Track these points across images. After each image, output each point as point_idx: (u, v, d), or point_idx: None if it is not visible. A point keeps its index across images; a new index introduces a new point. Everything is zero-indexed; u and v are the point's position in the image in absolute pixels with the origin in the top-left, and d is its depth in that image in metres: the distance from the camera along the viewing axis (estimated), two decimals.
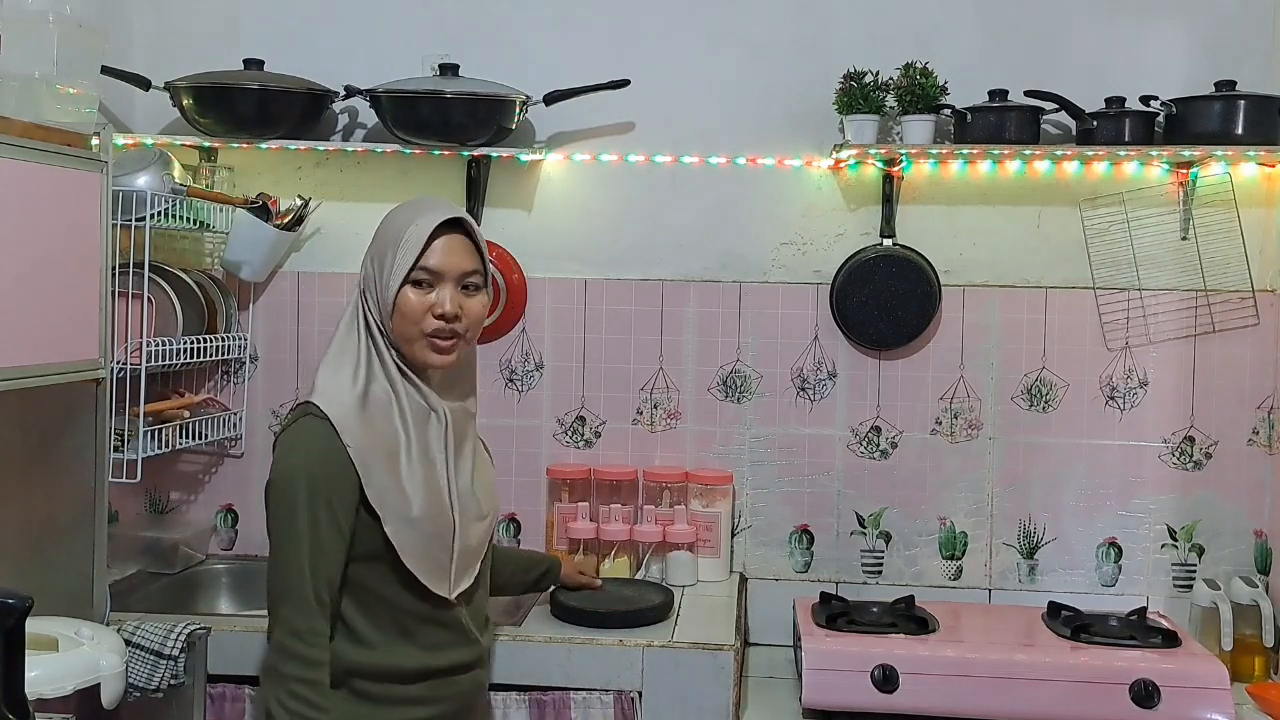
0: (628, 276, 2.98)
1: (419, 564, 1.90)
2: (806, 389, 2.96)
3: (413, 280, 1.90)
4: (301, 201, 2.97)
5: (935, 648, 2.49)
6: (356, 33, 3.00)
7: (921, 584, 2.92)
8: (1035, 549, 2.92)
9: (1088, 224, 2.88)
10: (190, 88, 2.83)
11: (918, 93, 2.76)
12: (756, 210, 2.96)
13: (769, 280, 2.96)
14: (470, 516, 1.98)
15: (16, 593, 1.58)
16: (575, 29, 2.97)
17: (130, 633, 2.16)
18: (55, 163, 2.04)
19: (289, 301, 3.05)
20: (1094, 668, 2.41)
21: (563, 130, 2.98)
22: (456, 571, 1.95)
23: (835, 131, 2.85)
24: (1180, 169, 2.83)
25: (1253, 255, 2.83)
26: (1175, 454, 2.89)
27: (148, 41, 3.02)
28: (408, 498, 1.89)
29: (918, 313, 2.88)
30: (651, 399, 2.98)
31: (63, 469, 2.26)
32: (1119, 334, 2.89)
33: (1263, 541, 2.86)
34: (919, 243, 2.91)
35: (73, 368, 2.12)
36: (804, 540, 2.97)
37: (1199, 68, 2.79)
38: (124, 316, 2.55)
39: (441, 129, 2.81)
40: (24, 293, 1.97)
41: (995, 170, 2.90)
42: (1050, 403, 2.91)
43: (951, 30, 2.89)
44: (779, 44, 2.94)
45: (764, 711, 2.49)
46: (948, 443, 2.94)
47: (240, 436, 3.05)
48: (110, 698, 1.93)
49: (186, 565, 2.95)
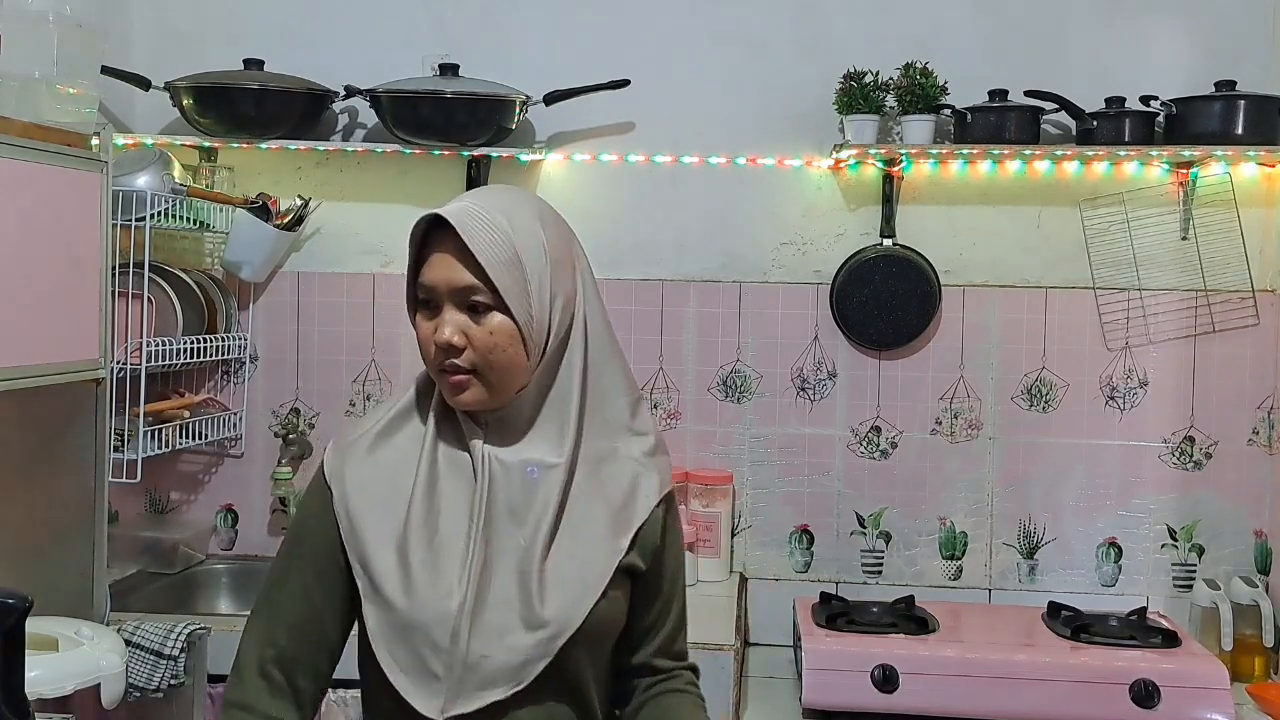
0: (628, 276, 2.98)
1: (395, 664, 1.41)
2: (806, 389, 2.96)
3: (420, 299, 1.46)
4: (301, 201, 2.97)
5: (935, 648, 2.49)
6: (356, 33, 3.00)
7: (921, 584, 2.92)
8: (1035, 549, 2.92)
9: (1088, 224, 2.88)
10: (190, 88, 2.83)
11: (918, 93, 2.76)
12: (756, 210, 2.96)
13: (769, 280, 2.96)
14: (497, 617, 1.40)
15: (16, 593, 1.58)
16: (575, 29, 2.97)
17: (130, 633, 2.16)
18: (55, 163, 2.04)
19: (289, 301, 3.05)
20: (1094, 668, 2.42)
21: (563, 130, 2.98)
22: (453, 688, 1.39)
23: (835, 131, 2.85)
24: (1180, 169, 2.82)
25: (1253, 255, 2.83)
26: (1175, 454, 2.89)
27: (148, 41, 3.02)
28: (390, 569, 1.41)
29: (918, 313, 2.88)
30: (651, 399, 2.98)
31: (63, 469, 2.26)
32: (1119, 334, 2.89)
33: (1263, 541, 2.86)
34: (919, 243, 2.91)
35: (73, 368, 2.12)
36: (804, 540, 2.97)
37: (1199, 68, 2.79)
38: (124, 316, 2.55)
39: (441, 129, 2.81)
40: (24, 293, 1.97)
41: (995, 170, 2.90)
42: (1050, 403, 2.91)
43: (951, 30, 2.89)
44: (779, 44, 2.94)
45: (764, 711, 2.49)
46: (948, 443, 2.93)
47: (240, 436, 3.05)
48: (110, 698, 1.93)
49: (186, 565, 2.95)
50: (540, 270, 1.43)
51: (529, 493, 1.44)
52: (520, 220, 1.44)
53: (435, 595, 1.39)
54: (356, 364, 3.04)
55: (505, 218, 1.42)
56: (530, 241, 1.43)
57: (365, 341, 3.02)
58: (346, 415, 3.03)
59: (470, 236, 1.39)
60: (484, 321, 1.42)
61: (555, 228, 1.48)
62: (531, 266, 1.42)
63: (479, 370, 1.42)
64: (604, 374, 1.49)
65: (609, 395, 1.50)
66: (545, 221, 1.47)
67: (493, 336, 1.42)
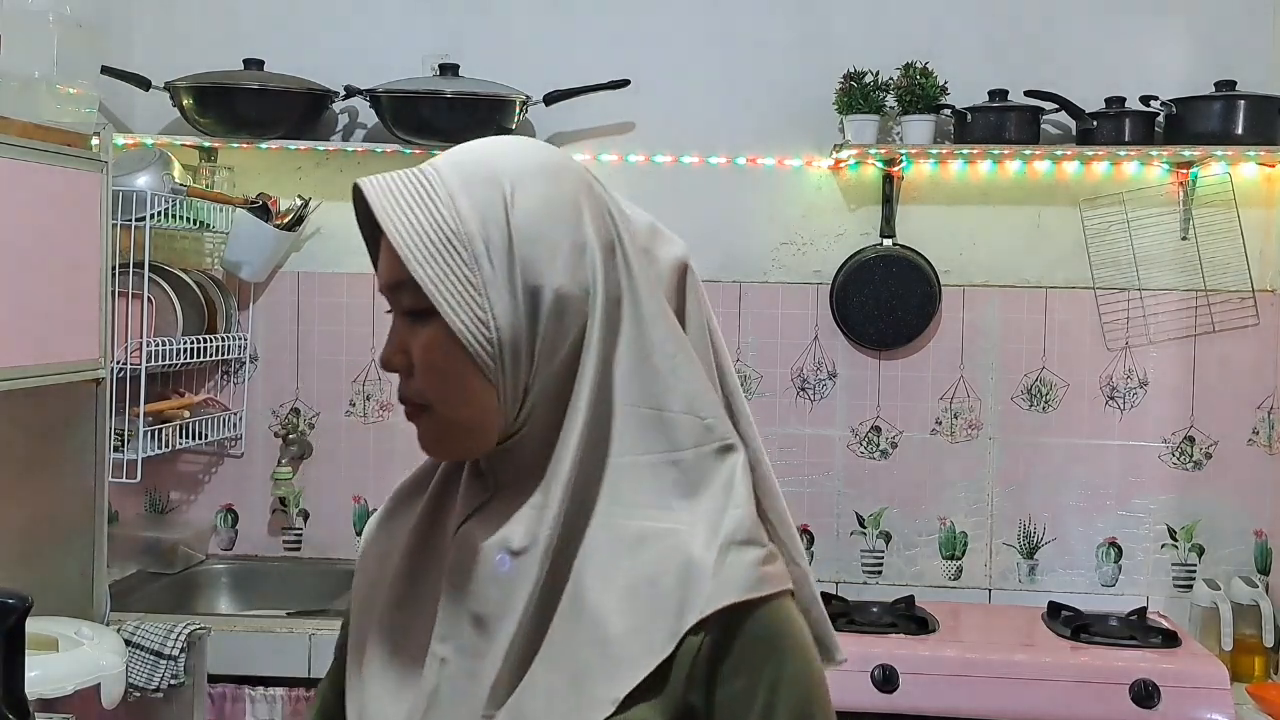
0: None
1: None
2: (806, 389, 2.96)
3: None
4: (301, 201, 2.97)
5: (935, 648, 2.49)
6: (356, 33, 3.00)
7: (921, 584, 2.92)
8: (1035, 549, 2.92)
9: (1088, 224, 2.88)
10: (190, 88, 2.83)
11: (918, 93, 2.76)
12: (756, 210, 2.96)
13: (769, 280, 2.96)
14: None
15: (16, 593, 1.58)
16: (575, 29, 2.97)
17: (130, 633, 2.16)
18: (55, 163, 2.04)
19: (289, 301, 3.05)
20: (1094, 668, 2.41)
21: (563, 130, 2.98)
22: None
23: (835, 131, 2.85)
24: (1180, 169, 2.82)
25: (1253, 255, 2.83)
26: (1175, 454, 2.89)
27: (148, 41, 3.02)
28: (353, 687, 1.08)
29: (918, 313, 2.88)
30: None
31: (63, 469, 2.26)
32: (1119, 334, 2.88)
33: (1263, 541, 2.86)
34: (919, 243, 2.91)
35: (73, 368, 2.12)
36: (804, 540, 2.96)
37: (1199, 68, 2.79)
38: (124, 316, 2.55)
39: (441, 129, 2.81)
40: (24, 293, 1.97)
41: (995, 170, 2.90)
42: (1050, 403, 2.91)
43: (951, 30, 2.89)
44: (779, 44, 2.93)
45: None
46: (948, 443, 2.93)
47: (240, 436, 3.04)
48: (110, 698, 1.93)
49: (186, 565, 2.95)
50: (500, 251, 0.95)
51: (502, 594, 0.97)
52: (479, 179, 0.97)
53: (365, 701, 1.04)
54: (356, 364, 3.04)
55: (455, 177, 0.98)
56: (486, 211, 0.96)
57: (365, 341, 3.02)
58: (346, 416, 3.03)
59: (384, 211, 0.96)
60: (423, 331, 0.98)
61: (546, 185, 0.99)
62: (480, 247, 0.95)
63: (430, 403, 1.00)
64: (654, 400, 1.00)
65: (659, 434, 0.99)
66: (530, 177, 0.98)
67: (428, 353, 0.98)
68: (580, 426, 0.97)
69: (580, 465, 0.97)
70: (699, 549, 0.95)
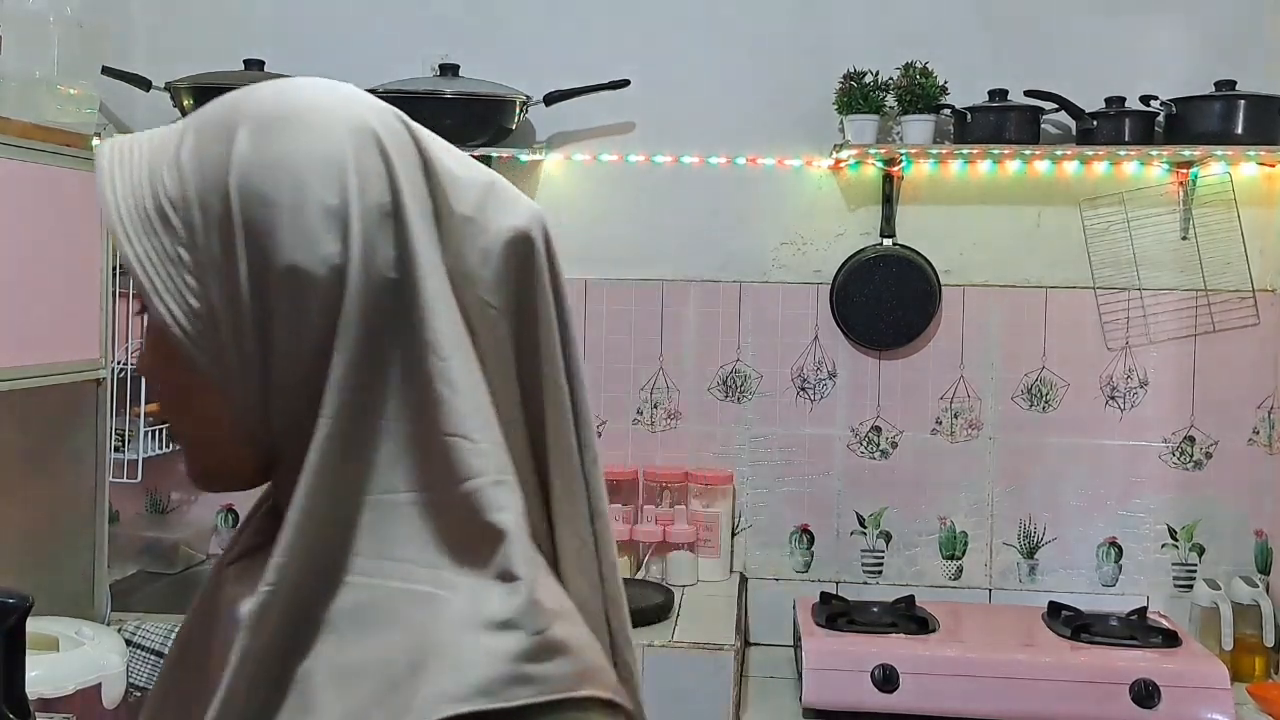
0: (628, 276, 2.98)
1: None
2: (806, 389, 2.96)
3: None
4: None
5: (935, 648, 2.49)
6: (356, 33, 3.00)
7: (921, 584, 2.92)
8: (1035, 549, 2.92)
9: (1088, 224, 2.88)
10: (190, 88, 2.82)
11: (918, 93, 2.76)
12: (756, 210, 2.96)
13: (769, 280, 2.96)
14: None
15: (17, 593, 1.58)
16: (575, 29, 2.97)
17: (131, 633, 2.16)
18: (55, 163, 2.04)
19: None
20: (1094, 668, 2.42)
21: (563, 130, 2.98)
22: None
23: (835, 131, 2.85)
24: (1180, 169, 2.82)
25: (1253, 255, 2.83)
26: (1175, 454, 2.89)
27: (148, 41, 3.02)
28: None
29: (918, 313, 2.88)
30: (651, 399, 2.98)
31: (63, 469, 2.26)
32: (1119, 334, 2.89)
33: (1263, 541, 2.86)
34: (919, 243, 2.91)
35: (73, 368, 2.12)
36: (804, 540, 2.96)
37: (1199, 68, 2.79)
38: (124, 317, 2.55)
39: (441, 129, 2.78)
40: (24, 293, 1.97)
41: (995, 170, 2.90)
42: (1050, 403, 2.91)
43: (951, 30, 2.89)
44: (779, 44, 2.94)
45: (764, 711, 2.49)
46: (948, 443, 2.93)
47: None
48: (111, 698, 1.93)
49: (187, 565, 2.95)
50: (217, 219, 0.76)
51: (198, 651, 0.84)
52: (211, 132, 0.79)
53: None
54: None
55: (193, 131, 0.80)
56: (207, 170, 0.77)
57: None
58: None
59: (108, 179, 0.81)
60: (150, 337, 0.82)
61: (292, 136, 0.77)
62: (195, 216, 0.77)
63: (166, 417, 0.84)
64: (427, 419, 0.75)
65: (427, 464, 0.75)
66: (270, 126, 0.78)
67: (146, 351, 0.83)
68: (324, 451, 0.73)
69: (328, 502, 0.73)
70: (446, 626, 0.71)
